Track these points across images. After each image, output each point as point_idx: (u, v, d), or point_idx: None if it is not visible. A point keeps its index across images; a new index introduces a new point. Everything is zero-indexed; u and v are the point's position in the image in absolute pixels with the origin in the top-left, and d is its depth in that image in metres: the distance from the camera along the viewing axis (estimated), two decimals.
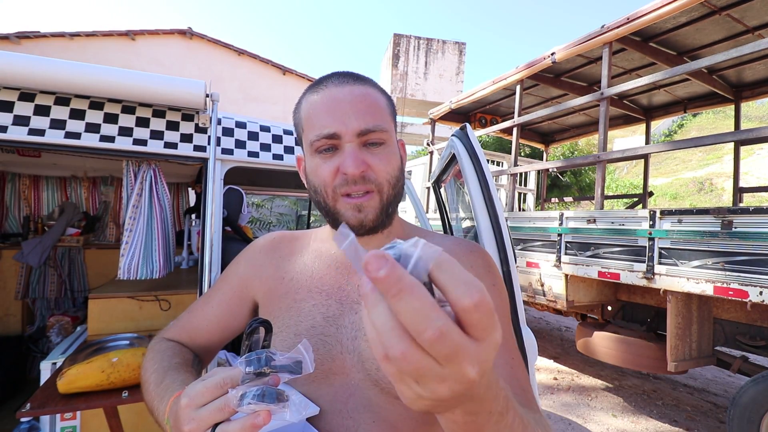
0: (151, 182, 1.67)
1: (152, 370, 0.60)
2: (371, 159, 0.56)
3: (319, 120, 0.56)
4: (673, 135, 20.25)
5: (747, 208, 2.14)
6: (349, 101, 0.55)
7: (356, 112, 0.55)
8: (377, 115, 0.56)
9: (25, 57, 1.26)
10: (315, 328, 0.60)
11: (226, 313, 0.71)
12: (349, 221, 0.57)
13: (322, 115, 0.56)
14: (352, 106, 0.55)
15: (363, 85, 0.58)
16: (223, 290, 0.72)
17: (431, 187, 2.28)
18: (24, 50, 7.88)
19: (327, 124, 0.55)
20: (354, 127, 0.54)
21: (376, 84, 0.61)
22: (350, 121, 0.54)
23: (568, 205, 8.87)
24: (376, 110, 0.56)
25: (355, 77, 0.58)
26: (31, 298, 2.88)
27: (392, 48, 13.69)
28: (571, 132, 6.10)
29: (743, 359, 2.64)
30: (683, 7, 2.77)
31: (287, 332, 0.61)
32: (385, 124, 0.57)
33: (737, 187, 4.30)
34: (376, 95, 0.58)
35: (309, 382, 0.58)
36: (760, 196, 10.67)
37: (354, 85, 0.57)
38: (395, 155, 0.60)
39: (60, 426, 1.60)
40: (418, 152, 17.15)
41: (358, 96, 0.56)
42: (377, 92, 0.59)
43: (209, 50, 9.71)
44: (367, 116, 0.55)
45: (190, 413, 0.41)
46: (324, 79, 0.59)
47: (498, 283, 0.64)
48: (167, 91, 1.41)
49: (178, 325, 0.73)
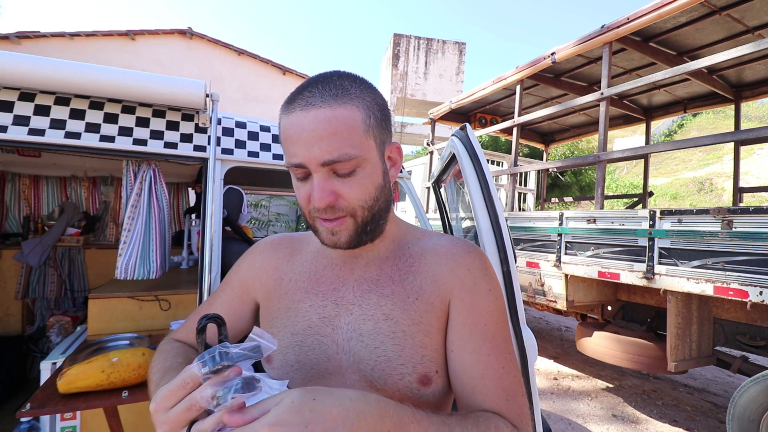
0: (150, 182, 1.67)
1: (155, 370, 0.61)
2: (341, 187, 0.54)
3: (288, 147, 0.55)
4: (673, 135, 20.25)
5: (747, 208, 2.14)
6: (311, 130, 0.52)
7: (320, 142, 0.51)
8: (344, 142, 0.52)
9: (25, 57, 1.26)
10: (311, 328, 0.61)
11: (229, 315, 0.71)
12: (324, 242, 0.59)
13: (290, 142, 0.54)
14: (314, 135, 0.51)
15: (330, 106, 0.52)
16: (226, 292, 0.74)
17: (431, 187, 2.28)
18: (24, 50, 7.88)
19: (294, 152, 0.53)
20: (318, 158, 0.52)
21: (353, 95, 0.54)
22: (314, 151, 0.52)
23: (568, 205, 8.87)
24: (342, 137, 0.52)
25: (325, 95, 0.53)
26: (31, 298, 2.89)
27: (392, 48, 13.69)
28: (571, 132, 6.10)
29: (743, 359, 2.64)
30: (683, 7, 2.77)
31: (284, 332, 0.62)
32: (354, 150, 0.53)
33: (737, 187, 4.31)
34: (345, 117, 0.52)
35: (306, 381, 0.59)
36: (760, 196, 10.67)
37: (320, 109, 0.52)
38: (371, 178, 0.56)
39: (60, 426, 1.60)
40: (418, 152, 17.16)
41: (323, 122, 0.52)
42: (348, 111, 0.53)
43: (209, 50, 9.71)
44: (331, 145, 0.51)
45: (160, 417, 0.42)
46: (296, 94, 0.55)
47: (494, 287, 0.63)
48: (167, 91, 1.41)
49: (186, 326, 0.74)
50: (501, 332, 0.60)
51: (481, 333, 0.58)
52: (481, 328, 0.59)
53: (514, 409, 0.55)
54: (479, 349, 0.57)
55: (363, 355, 0.57)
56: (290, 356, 0.60)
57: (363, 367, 0.57)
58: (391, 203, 0.62)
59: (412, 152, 19.14)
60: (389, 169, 0.61)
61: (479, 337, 0.58)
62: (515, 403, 0.55)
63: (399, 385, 0.56)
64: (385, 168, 0.60)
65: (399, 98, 13.64)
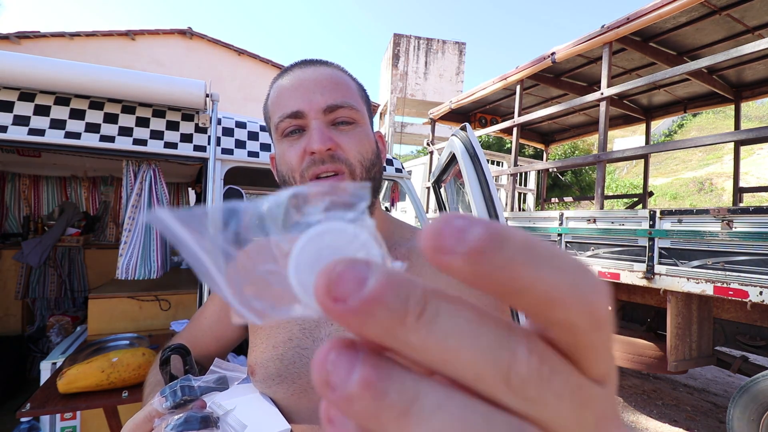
0: (150, 182, 1.67)
1: (147, 383, 0.62)
2: (340, 137, 0.52)
3: (281, 101, 0.54)
4: (673, 135, 20.25)
5: (747, 208, 2.14)
6: (313, 79, 0.52)
7: (321, 89, 0.52)
8: (345, 92, 0.53)
9: (25, 57, 1.26)
10: (292, 340, 0.58)
11: (218, 323, 0.70)
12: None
13: (286, 96, 0.53)
14: (316, 84, 0.52)
15: (330, 67, 0.56)
16: (214, 301, 0.72)
17: (431, 187, 2.28)
18: (24, 50, 7.88)
19: (291, 103, 0.52)
20: (319, 103, 0.51)
21: (346, 70, 0.58)
22: (315, 97, 0.51)
23: (568, 205, 8.86)
24: (343, 88, 0.53)
25: (323, 61, 0.56)
26: (31, 298, 2.88)
27: (392, 48, 13.68)
28: (571, 132, 6.10)
29: (743, 359, 2.64)
30: (683, 7, 2.77)
31: (266, 344, 0.60)
32: (354, 103, 0.54)
33: (737, 187, 4.30)
34: (344, 77, 0.56)
35: (288, 395, 0.56)
36: (760, 196, 10.66)
37: (320, 66, 0.55)
38: (368, 138, 0.56)
39: (60, 426, 1.60)
40: (418, 152, 17.16)
41: (324, 74, 0.53)
42: (346, 75, 0.56)
43: (209, 50, 9.71)
44: (333, 92, 0.52)
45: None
46: (291, 65, 0.57)
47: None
48: (167, 91, 1.41)
49: (183, 335, 0.74)
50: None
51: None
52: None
53: None
54: None
55: None
56: (271, 369, 0.57)
57: None
58: (380, 186, 0.61)
59: (412, 152, 19.14)
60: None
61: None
62: None
63: None
64: (377, 145, 0.59)
65: (399, 98, 13.63)
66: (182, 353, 0.46)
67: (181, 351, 0.46)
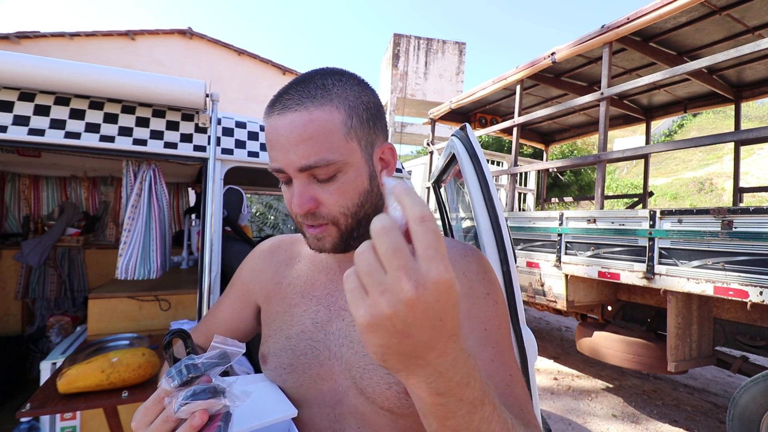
0: (150, 182, 1.67)
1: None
2: (321, 194, 0.52)
3: (269, 151, 0.54)
4: (673, 135, 20.24)
5: (747, 208, 2.14)
6: (287, 135, 0.50)
7: (295, 147, 0.50)
8: (321, 146, 0.50)
9: (25, 57, 1.26)
10: (304, 333, 0.61)
11: (233, 318, 0.74)
12: (311, 247, 0.58)
13: (270, 147, 0.53)
14: (290, 140, 0.50)
15: (306, 109, 0.50)
16: (230, 295, 0.76)
17: (431, 187, 2.28)
18: (24, 50, 7.88)
19: (274, 157, 0.53)
20: (294, 164, 0.51)
21: (334, 95, 0.52)
22: (291, 156, 0.51)
23: (568, 205, 8.87)
24: (319, 142, 0.50)
25: (303, 97, 0.51)
26: (31, 298, 2.88)
27: (392, 48, 13.69)
28: (571, 132, 6.10)
29: (743, 359, 2.64)
30: (683, 7, 2.77)
31: (279, 335, 0.63)
32: (333, 155, 0.51)
33: (737, 187, 4.30)
34: (323, 120, 0.50)
35: (298, 384, 0.59)
36: (760, 196, 10.67)
37: (296, 113, 0.50)
38: (353, 183, 0.53)
39: (60, 426, 1.60)
40: (418, 152, 17.16)
41: (298, 127, 0.50)
42: (326, 113, 0.51)
43: (209, 50, 9.72)
44: (308, 150, 0.50)
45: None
46: (277, 97, 0.54)
47: (493, 291, 0.59)
48: (167, 91, 1.40)
49: (197, 329, 0.77)
50: (503, 339, 0.56)
51: (480, 339, 0.55)
52: (479, 333, 0.55)
53: (531, 420, 0.51)
54: (480, 356, 0.54)
55: (353, 362, 0.57)
56: (284, 359, 0.61)
57: (353, 374, 0.57)
58: (371, 213, 0.58)
59: (412, 152, 19.14)
60: (381, 171, 0.58)
61: (479, 344, 0.54)
62: (530, 414, 0.51)
63: (387, 394, 0.54)
64: (373, 171, 0.56)
65: (399, 98, 13.63)
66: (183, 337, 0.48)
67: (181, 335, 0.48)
